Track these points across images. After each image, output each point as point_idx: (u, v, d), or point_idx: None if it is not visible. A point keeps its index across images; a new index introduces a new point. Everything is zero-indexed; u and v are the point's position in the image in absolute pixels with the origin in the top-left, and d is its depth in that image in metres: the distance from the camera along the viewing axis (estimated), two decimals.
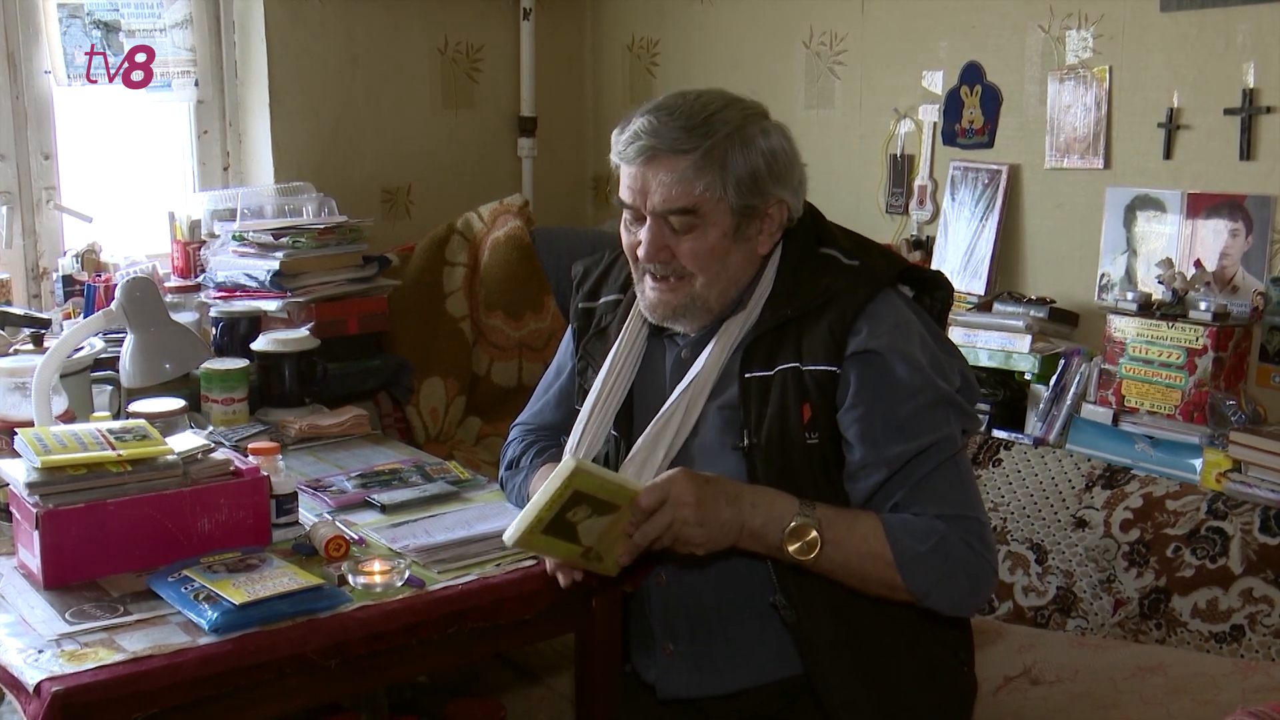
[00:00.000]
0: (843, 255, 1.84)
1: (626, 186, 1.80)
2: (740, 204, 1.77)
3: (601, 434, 1.91)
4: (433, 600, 1.77)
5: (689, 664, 1.88)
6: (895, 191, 3.11)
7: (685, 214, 1.76)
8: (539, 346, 3.26)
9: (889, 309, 1.78)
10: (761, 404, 1.78)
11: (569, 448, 1.91)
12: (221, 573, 1.73)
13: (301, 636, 1.64)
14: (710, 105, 1.77)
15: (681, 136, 1.74)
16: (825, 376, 1.75)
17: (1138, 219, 2.63)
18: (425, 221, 3.44)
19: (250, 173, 3.34)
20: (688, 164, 1.74)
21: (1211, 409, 2.39)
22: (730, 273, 1.82)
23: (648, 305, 1.85)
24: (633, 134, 1.77)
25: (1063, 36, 2.73)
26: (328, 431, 2.52)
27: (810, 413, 1.76)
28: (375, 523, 2.03)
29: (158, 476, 1.82)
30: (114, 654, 1.56)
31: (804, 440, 1.76)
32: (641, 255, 1.81)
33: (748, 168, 1.76)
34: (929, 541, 1.71)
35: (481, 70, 3.67)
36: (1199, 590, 2.25)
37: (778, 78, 3.33)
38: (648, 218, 1.78)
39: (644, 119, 1.77)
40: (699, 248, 1.78)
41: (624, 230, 1.85)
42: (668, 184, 1.75)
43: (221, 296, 2.89)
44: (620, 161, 1.80)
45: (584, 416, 1.92)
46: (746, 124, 1.78)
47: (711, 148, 1.74)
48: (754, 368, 1.80)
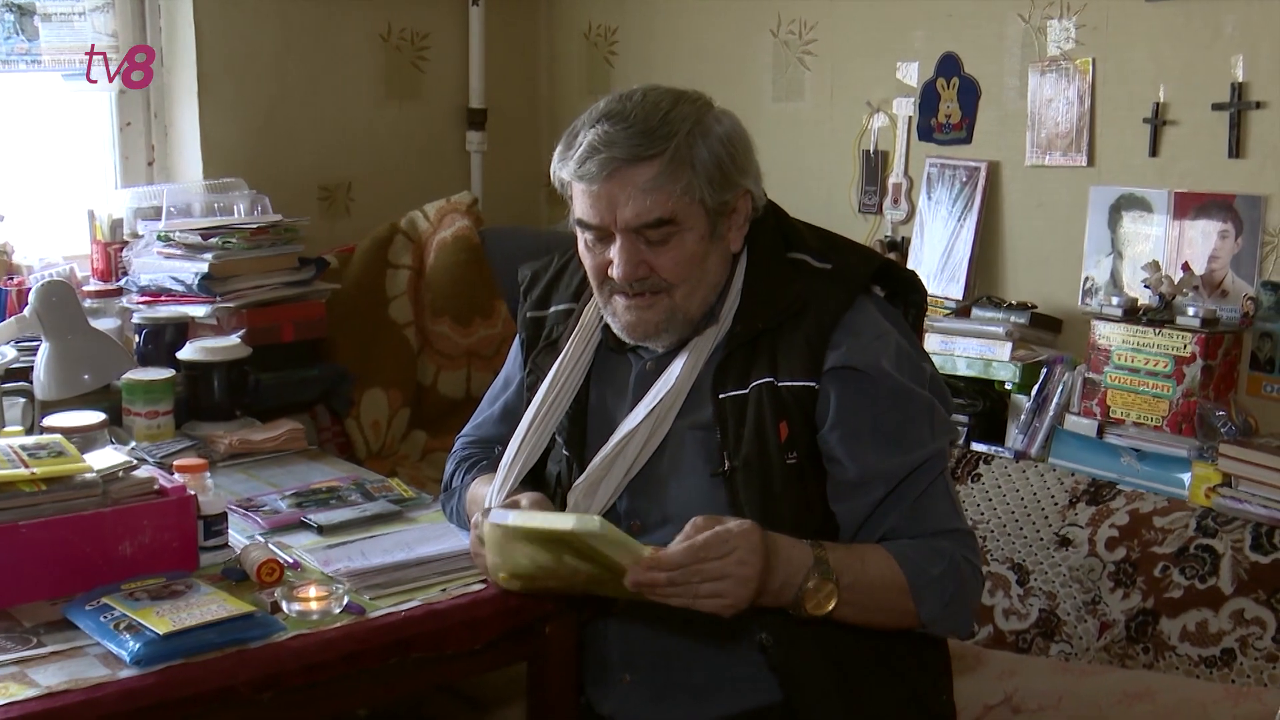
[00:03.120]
0: (813, 258, 1.85)
1: (589, 206, 1.77)
2: (715, 201, 1.77)
3: (538, 450, 1.91)
4: (373, 628, 1.76)
5: (648, 694, 1.89)
6: (868, 190, 3.13)
7: (662, 225, 1.75)
8: (488, 355, 3.25)
9: (866, 320, 1.80)
10: (739, 424, 1.78)
11: (503, 463, 1.91)
12: (144, 600, 1.72)
13: (231, 668, 1.63)
14: (661, 103, 1.76)
15: (643, 142, 1.73)
16: (803, 392, 1.76)
17: (1123, 219, 2.66)
18: (366, 221, 3.42)
19: (177, 168, 3.31)
20: (657, 170, 1.73)
21: (1200, 420, 2.42)
22: (710, 278, 1.82)
23: (624, 326, 1.84)
24: (588, 149, 1.74)
25: (1044, 26, 2.76)
26: (260, 447, 2.50)
27: (788, 431, 1.77)
28: (311, 545, 2.02)
29: (75, 496, 1.80)
30: (26, 689, 1.54)
31: (783, 460, 1.77)
32: (618, 276, 1.78)
33: (714, 161, 1.76)
34: (940, 565, 1.75)
35: (428, 59, 3.66)
36: (1188, 612, 2.28)
37: (744, 68, 3.35)
38: (617, 236, 1.77)
39: (594, 131, 1.74)
40: (679, 257, 1.77)
41: (586, 252, 1.83)
42: (640, 195, 1.73)
43: (145, 301, 2.87)
44: (576, 180, 1.77)
45: (521, 431, 1.91)
46: (702, 116, 1.79)
47: (677, 148, 1.74)
48: (728, 386, 1.80)
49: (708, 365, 1.83)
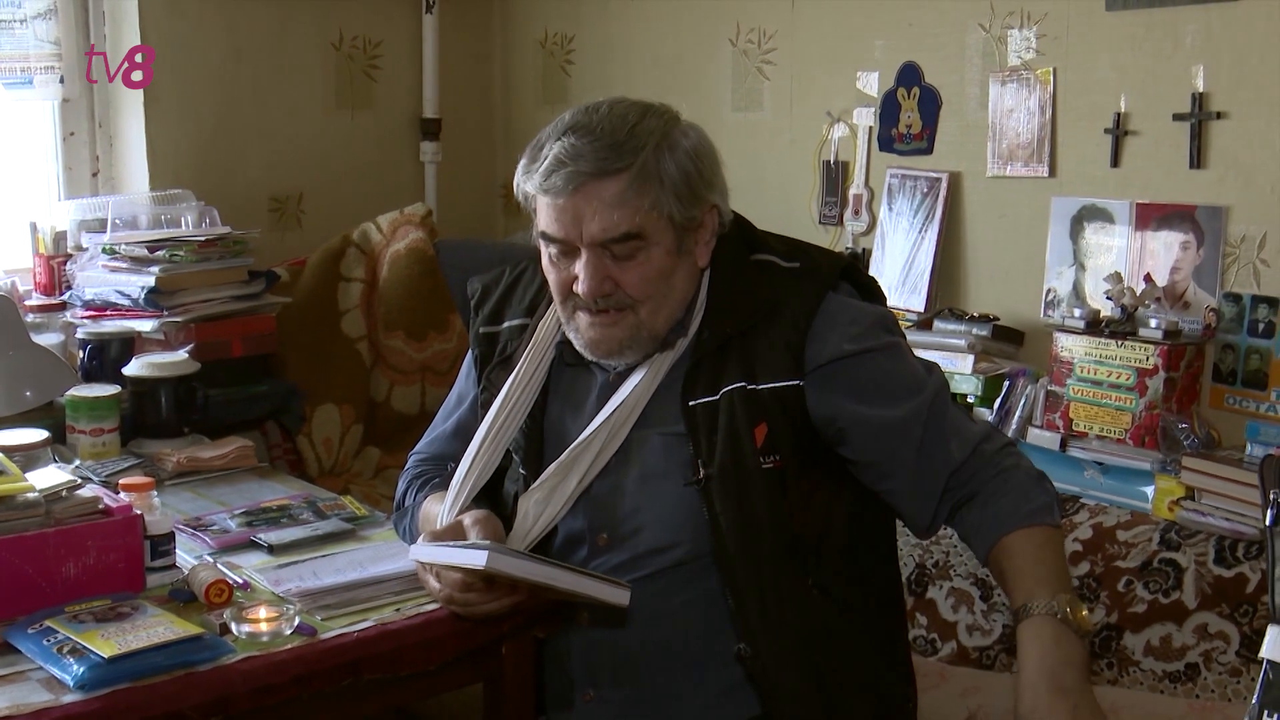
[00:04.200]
0: (780, 259, 1.87)
1: (554, 220, 1.78)
2: (683, 217, 1.79)
3: (490, 468, 1.91)
4: (325, 649, 1.75)
5: (612, 711, 1.89)
6: (829, 201, 3.15)
7: (629, 239, 1.76)
8: (443, 369, 3.25)
9: (841, 308, 1.84)
10: (711, 432, 1.80)
11: (455, 481, 1.91)
12: (89, 623, 1.71)
13: (179, 692, 1.62)
14: (629, 116, 1.78)
15: (610, 155, 1.74)
16: (787, 391, 1.78)
17: (1085, 230, 2.69)
18: (318, 233, 3.42)
19: (122, 179, 3.29)
20: (624, 184, 1.74)
21: (1163, 432, 2.45)
22: (676, 294, 1.83)
23: (587, 344, 1.85)
24: (554, 161, 1.75)
25: (1004, 36, 2.79)
26: (209, 465, 2.49)
27: (766, 432, 1.78)
28: (262, 565, 2.02)
29: (17, 516, 1.79)
30: None
31: (759, 465, 1.78)
32: (583, 292, 1.79)
33: (682, 175, 1.78)
34: (1029, 482, 1.81)
35: (380, 67, 3.66)
36: (1151, 626, 2.31)
37: (702, 78, 3.37)
38: (583, 250, 1.78)
39: (560, 143, 1.75)
40: (646, 273, 1.78)
41: (550, 267, 1.84)
42: (606, 210, 1.74)
43: (90, 316, 2.85)
44: (541, 193, 1.78)
45: (473, 449, 1.92)
46: (669, 130, 1.80)
47: (644, 162, 1.75)
48: (697, 394, 1.81)
49: (675, 374, 1.84)
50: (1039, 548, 1.74)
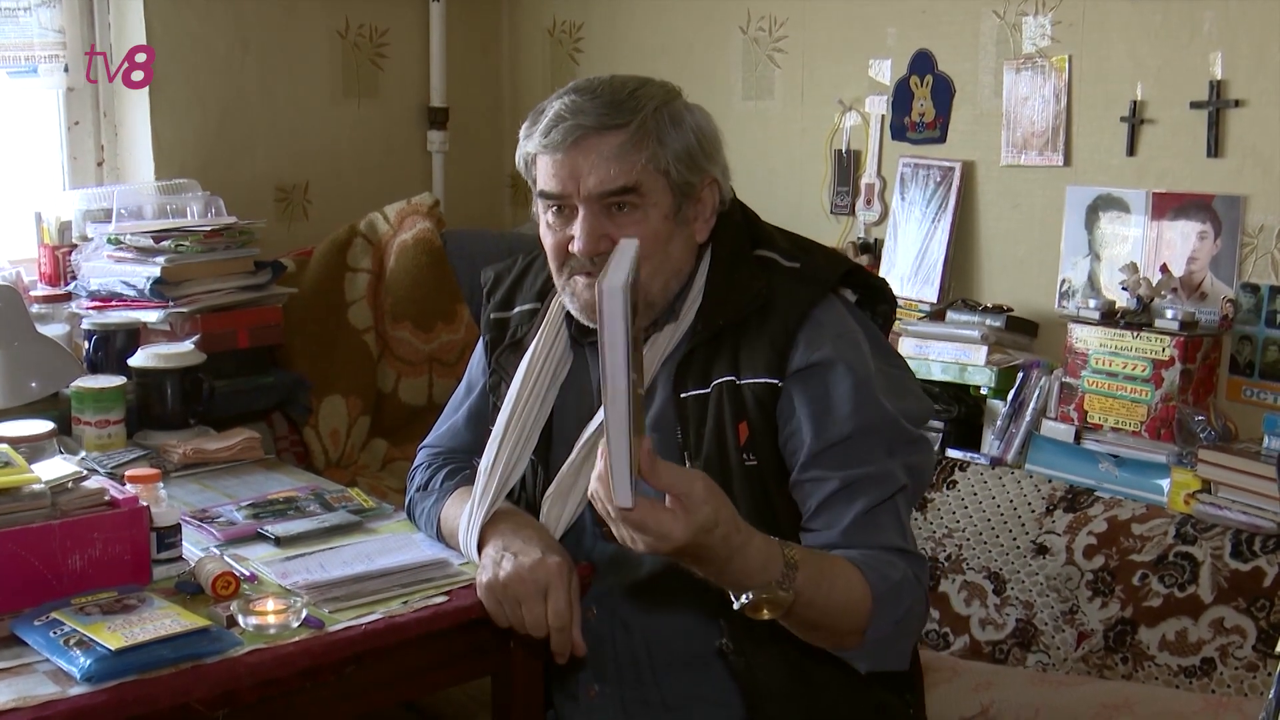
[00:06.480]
0: (781, 257, 1.86)
1: (552, 175, 1.79)
2: (680, 180, 1.79)
3: (524, 459, 1.91)
4: (332, 642, 1.76)
5: (617, 707, 1.90)
6: (840, 190, 3.15)
7: (626, 193, 1.77)
8: (451, 361, 3.26)
9: (832, 318, 1.81)
10: (699, 424, 1.80)
11: (481, 470, 1.91)
12: (95, 615, 1.71)
13: (185, 685, 1.62)
14: (629, 83, 1.81)
15: (610, 112, 1.76)
16: (765, 391, 1.77)
17: (1100, 220, 2.69)
18: (324, 223, 3.42)
19: (127, 169, 3.30)
20: (623, 139, 1.76)
21: (1179, 425, 2.44)
22: (673, 262, 1.83)
23: (584, 305, 1.83)
24: (554, 117, 1.77)
25: (1019, 23, 2.79)
26: (215, 456, 2.50)
27: (748, 432, 1.78)
28: (268, 557, 2.02)
29: (22, 508, 1.79)
30: None
31: (741, 462, 1.78)
32: (578, 249, 1.78)
33: (682, 142, 1.79)
34: (896, 574, 1.68)
35: (387, 56, 3.66)
36: (1167, 621, 2.31)
37: (712, 66, 3.37)
38: (580, 207, 1.78)
39: (561, 102, 1.78)
40: (642, 231, 1.78)
41: (546, 231, 1.84)
42: (605, 162, 1.75)
43: (95, 307, 2.86)
44: (540, 151, 1.79)
45: (497, 437, 1.91)
46: (671, 99, 1.83)
47: (644, 120, 1.77)
48: (689, 385, 1.81)
49: (668, 363, 1.84)
50: (844, 583, 1.64)
